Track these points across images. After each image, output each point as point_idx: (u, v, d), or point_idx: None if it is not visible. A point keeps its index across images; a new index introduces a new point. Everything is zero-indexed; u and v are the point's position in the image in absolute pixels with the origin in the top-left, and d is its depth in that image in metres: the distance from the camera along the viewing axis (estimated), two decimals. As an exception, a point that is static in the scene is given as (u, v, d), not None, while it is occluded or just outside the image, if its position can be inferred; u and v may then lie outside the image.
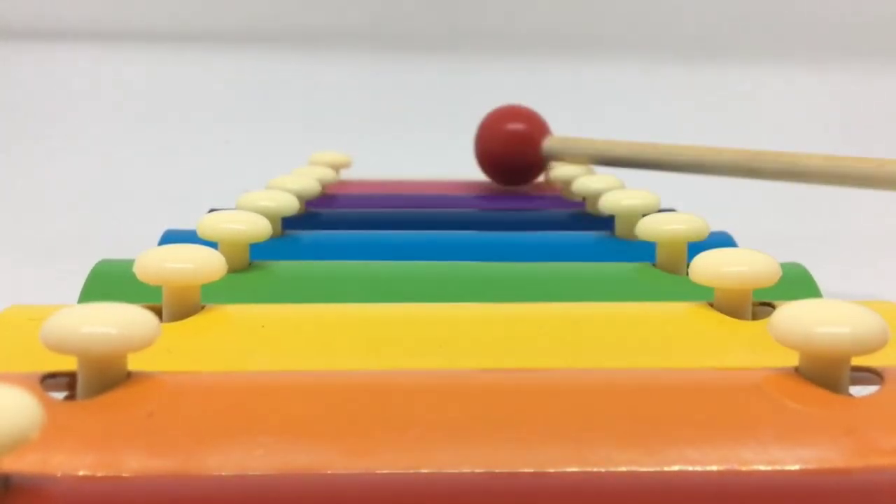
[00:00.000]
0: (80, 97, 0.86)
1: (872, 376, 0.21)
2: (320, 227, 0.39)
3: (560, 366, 0.23)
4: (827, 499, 0.16)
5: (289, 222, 0.36)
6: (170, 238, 0.36)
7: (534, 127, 0.50)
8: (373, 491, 0.16)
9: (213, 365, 0.23)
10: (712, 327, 0.25)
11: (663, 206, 0.38)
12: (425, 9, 0.89)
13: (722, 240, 0.36)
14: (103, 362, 0.19)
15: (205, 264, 0.25)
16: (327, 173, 0.47)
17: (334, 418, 0.18)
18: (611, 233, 0.38)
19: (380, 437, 0.18)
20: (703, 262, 0.26)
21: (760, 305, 0.26)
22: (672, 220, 0.31)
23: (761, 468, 0.17)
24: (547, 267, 0.31)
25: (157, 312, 0.25)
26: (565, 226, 0.42)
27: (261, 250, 0.31)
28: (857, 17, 0.88)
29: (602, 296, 0.28)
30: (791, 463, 0.17)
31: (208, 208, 0.40)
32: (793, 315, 0.19)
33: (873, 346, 0.19)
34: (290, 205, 0.35)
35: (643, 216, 0.32)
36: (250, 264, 0.31)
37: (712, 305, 0.26)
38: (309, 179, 0.41)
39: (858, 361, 0.20)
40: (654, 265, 0.31)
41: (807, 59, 0.88)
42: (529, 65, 0.87)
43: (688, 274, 0.26)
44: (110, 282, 0.29)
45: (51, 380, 0.20)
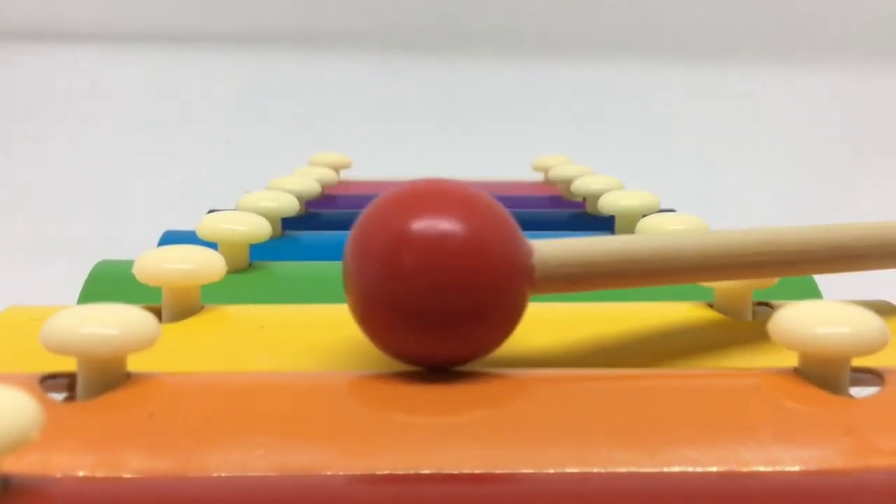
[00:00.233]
0: (80, 97, 0.86)
1: (873, 377, 0.21)
2: (320, 227, 0.39)
3: (559, 366, 0.23)
4: (827, 500, 0.16)
5: (289, 223, 0.36)
6: (169, 238, 0.36)
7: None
8: (372, 491, 0.16)
9: (212, 365, 0.23)
10: (712, 328, 0.25)
11: (663, 207, 0.38)
12: (426, 9, 0.89)
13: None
14: (103, 363, 0.19)
15: (204, 265, 0.25)
16: (327, 174, 0.47)
17: (334, 419, 0.18)
18: (611, 233, 0.38)
19: (379, 437, 0.18)
20: (703, 263, 0.25)
21: (760, 306, 0.26)
22: (672, 220, 0.31)
23: (761, 469, 0.17)
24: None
25: (157, 313, 0.25)
26: (565, 226, 0.42)
27: (261, 251, 0.31)
28: (858, 17, 0.88)
29: (601, 296, 0.28)
30: (791, 464, 0.17)
31: (208, 209, 0.40)
32: (793, 316, 0.19)
33: (873, 347, 0.19)
34: (290, 205, 0.35)
35: (643, 216, 0.32)
36: (250, 265, 0.31)
37: (712, 306, 0.26)
38: (309, 180, 0.41)
39: (859, 362, 0.20)
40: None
41: (807, 59, 0.88)
42: (529, 65, 0.87)
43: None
44: (110, 282, 0.29)
45: (50, 381, 0.20)
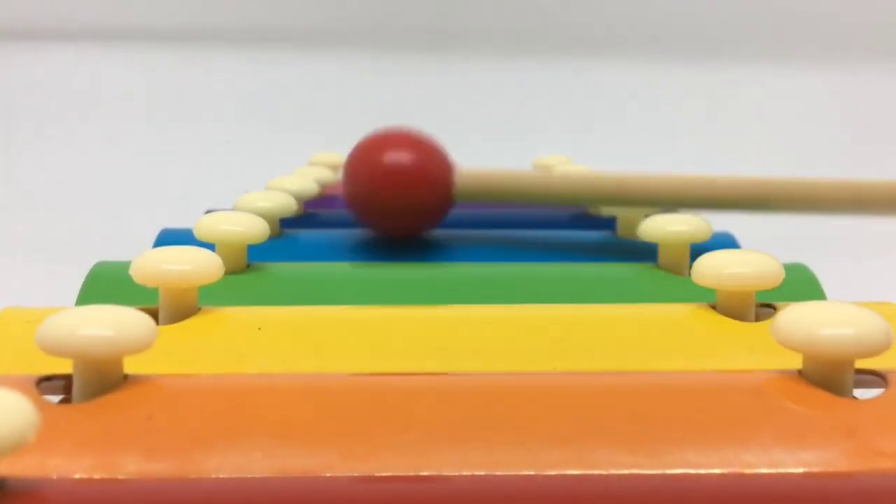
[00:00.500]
0: (80, 97, 0.86)
1: (876, 379, 0.20)
2: (319, 228, 0.39)
3: (561, 368, 0.23)
4: (830, 502, 0.16)
5: (287, 223, 0.36)
6: (165, 237, 0.36)
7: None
8: (372, 493, 0.16)
9: (210, 367, 0.23)
10: (714, 329, 0.25)
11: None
12: (426, 9, 0.89)
13: (724, 241, 0.36)
14: (100, 365, 0.19)
15: (202, 266, 0.25)
16: (326, 174, 0.47)
17: (333, 421, 0.18)
18: (612, 233, 0.37)
19: (378, 439, 0.18)
20: (706, 265, 0.25)
21: (763, 307, 0.26)
22: (674, 221, 0.31)
23: (764, 471, 0.17)
24: (548, 268, 0.31)
25: (154, 315, 0.24)
26: (565, 226, 0.41)
27: (259, 252, 0.31)
28: (858, 17, 0.88)
29: (603, 297, 0.28)
30: (794, 466, 0.17)
31: (207, 209, 0.40)
32: (796, 317, 0.19)
33: (877, 349, 0.19)
34: (288, 206, 0.35)
35: (645, 217, 0.32)
36: (248, 266, 0.31)
37: (714, 307, 0.26)
38: (307, 180, 0.41)
39: (862, 364, 0.20)
40: (657, 266, 0.31)
41: (809, 59, 0.88)
42: (530, 65, 0.87)
43: (690, 275, 0.26)
44: (107, 284, 0.29)
45: (46, 383, 0.20)
